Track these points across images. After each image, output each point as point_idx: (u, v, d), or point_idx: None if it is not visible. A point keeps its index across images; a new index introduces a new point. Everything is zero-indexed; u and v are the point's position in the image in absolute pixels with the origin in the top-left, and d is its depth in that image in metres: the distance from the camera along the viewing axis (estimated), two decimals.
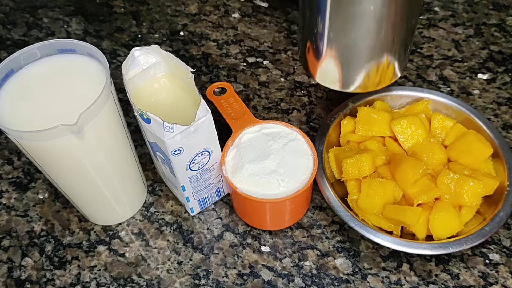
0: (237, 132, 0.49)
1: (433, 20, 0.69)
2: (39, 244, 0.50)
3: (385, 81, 0.52)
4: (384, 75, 0.51)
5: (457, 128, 0.51)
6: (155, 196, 0.53)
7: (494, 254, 0.47)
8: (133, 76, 0.44)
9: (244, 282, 0.47)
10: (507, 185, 0.47)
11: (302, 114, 0.59)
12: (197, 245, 0.49)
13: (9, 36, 0.70)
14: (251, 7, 0.72)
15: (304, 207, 0.50)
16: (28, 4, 0.74)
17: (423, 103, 0.53)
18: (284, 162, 0.46)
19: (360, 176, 0.47)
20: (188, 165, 0.44)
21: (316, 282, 0.46)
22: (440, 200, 0.46)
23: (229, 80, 0.63)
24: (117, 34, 0.69)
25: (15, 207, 0.53)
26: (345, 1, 0.44)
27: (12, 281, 0.47)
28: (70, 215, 0.52)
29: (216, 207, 0.52)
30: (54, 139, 0.38)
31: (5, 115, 0.39)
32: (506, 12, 0.69)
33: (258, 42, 0.67)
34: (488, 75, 0.62)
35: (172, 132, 0.40)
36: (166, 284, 0.47)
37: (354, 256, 0.48)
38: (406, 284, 0.46)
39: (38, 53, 0.42)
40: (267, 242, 0.49)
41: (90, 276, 0.48)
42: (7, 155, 0.57)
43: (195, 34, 0.69)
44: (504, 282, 0.46)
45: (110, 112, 0.41)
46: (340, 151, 0.50)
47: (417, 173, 0.46)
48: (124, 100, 0.53)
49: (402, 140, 0.50)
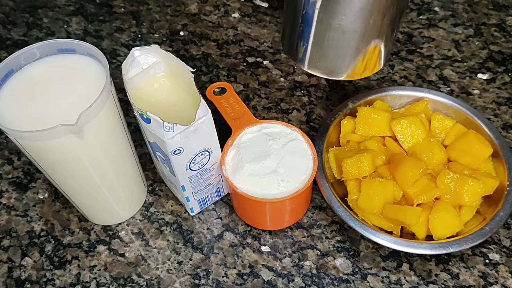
0: (237, 132, 0.49)
1: (433, 20, 0.69)
2: (39, 244, 0.50)
3: (370, 69, 0.53)
4: (369, 63, 0.52)
5: (457, 128, 0.51)
6: (155, 196, 0.53)
7: (494, 254, 0.47)
8: (133, 76, 0.44)
9: (244, 282, 0.47)
10: (507, 185, 0.47)
11: (302, 114, 0.59)
12: (197, 245, 0.49)
13: (9, 36, 0.70)
14: (251, 7, 0.72)
15: (304, 207, 0.50)
16: (28, 4, 0.75)
17: (423, 103, 0.53)
18: (284, 162, 0.46)
19: (360, 176, 0.47)
20: (188, 165, 0.44)
21: (316, 282, 0.46)
22: (440, 200, 0.46)
23: (229, 80, 0.63)
24: (117, 34, 0.69)
25: (15, 207, 0.53)
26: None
27: (12, 281, 0.47)
28: (70, 215, 0.52)
29: (216, 207, 0.52)
30: (54, 139, 0.38)
31: (5, 115, 0.39)
32: (506, 12, 0.69)
33: (258, 42, 0.67)
34: (488, 75, 0.62)
35: (172, 132, 0.40)
36: (166, 284, 0.47)
37: (354, 256, 0.48)
38: (406, 284, 0.46)
39: (38, 53, 0.42)
40: (267, 242, 0.49)
41: (90, 276, 0.48)
42: (7, 155, 0.57)
43: (195, 34, 0.69)
44: (504, 282, 0.46)
45: (110, 112, 0.41)
46: (340, 151, 0.50)
47: (417, 173, 0.46)
48: (124, 100, 0.53)
49: (402, 140, 0.50)
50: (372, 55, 0.52)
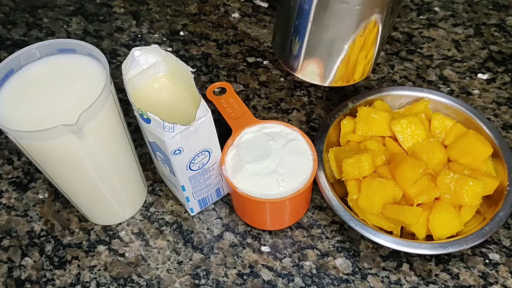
0: (237, 132, 0.49)
1: (433, 20, 0.69)
2: (39, 244, 0.50)
3: (358, 76, 0.55)
4: (358, 70, 0.53)
5: (457, 128, 0.51)
6: (155, 196, 0.53)
7: (494, 254, 0.47)
8: (133, 76, 0.44)
9: (244, 282, 0.47)
10: (507, 185, 0.47)
11: (302, 114, 0.59)
12: (197, 245, 0.49)
13: (9, 36, 0.70)
14: (251, 7, 0.72)
15: (304, 207, 0.50)
16: (28, 4, 0.75)
17: (423, 103, 0.53)
18: (284, 162, 0.46)
19: (360, 176, 0.47)
20: (188, 165, 0.44)
21: (316, 282, 0.46)
22: (440, 200, 0.46)
23: (229, 80, 0.63)
24: (117, 34, 0.69)
25: (15, 207, 0.53)
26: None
27: (12, 281, 0.47)
28: (70, 215, 0.52)
29: (216, 207, 0.52)
30: (54, 139, 0.38)
31: (5, 115, 0.39)
32: (506, 12, 0.69)
33: (258, 42, 0.67)
34: (488, 75, 0.62)
35: (172, 132, 0.40)
36: (166, 284, 0.47)
37: (354, 256, 0.48)
38: (406, 284, 0.46)
39: (38, 53, 0.42)
40: (267, 242, 0.49)
41: (90, 276, 0.48)
42: (7, 155, 0.57)
43: (195, 34, 0.69)
44: (504, 282, 0.46)
45: (110, 112, 0.41)
46: (340, 151, 0.50)
47: (417, 173, 0.46)
48: (124, 100, 0.53)
49: (402, 140, 0.50)
50: (362, 63, 0.53)
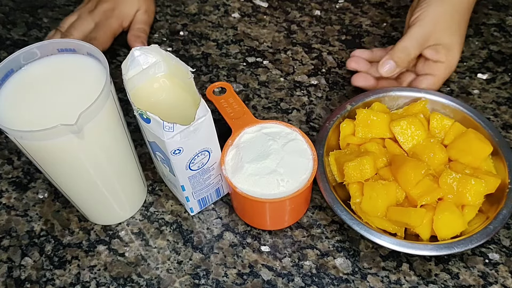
0: (236, 132, 0.49)
1: None
2: (39, 244, 0.50)
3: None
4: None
5: (456, 127, 0.51)
6: (155, 196, 0.53)
7: (494, 253, 0.47)
8: (133, 76, 0.44)
9: (244, 281, 0.47)
10: (508, 183, 0.47)
11: (301, 114, 0.59)
12: (197, 245, 0.49)
13: (9, 36, 0.70)
14: (251, 7, 0.72)
15: (304, 207, 0.50)
16: (28, 4, 0.75)
17: (420, 103, 0.53)
18: (283, 162, 0.46)
19: (362, 179, 0.47)
20: (188, 165, 0.44)
21: (316, 282, 0.46)
22: (443, 200, 0.46)
23: (229, 80, 0.63)
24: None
25: (15, 207, 0.53)
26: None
27: (12, 281, 0.48)
28: (70, 215, 0.52)
29: (216, 206, 0.52)
30: (54, 138, 0.38)
31: (5, 115, 0.39)
32: (506, 12, 0.69)
33: (258, 42, 0.67)
34: (488, 75, 0.62)
35: (172, 131, 0.40)
36: (166, 284, 0.47)
37: (353, 256, 0.48)
38: (406, 283, 0.46)
39: (38, 53, 0.42)
40: (267, 241, 0.49)
41: (90, 275, 0.48)
42: (7, 155, 0.57)
43: (195, 34, 0.69)
44: (504, 282, 0.46)
45: (110, 112, 0.41)
46: (341, 154, 0.50)
47: (419, 174, 0.46)
48: (124, 100, 0.53)
49: (402, 141, 0.50)
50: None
